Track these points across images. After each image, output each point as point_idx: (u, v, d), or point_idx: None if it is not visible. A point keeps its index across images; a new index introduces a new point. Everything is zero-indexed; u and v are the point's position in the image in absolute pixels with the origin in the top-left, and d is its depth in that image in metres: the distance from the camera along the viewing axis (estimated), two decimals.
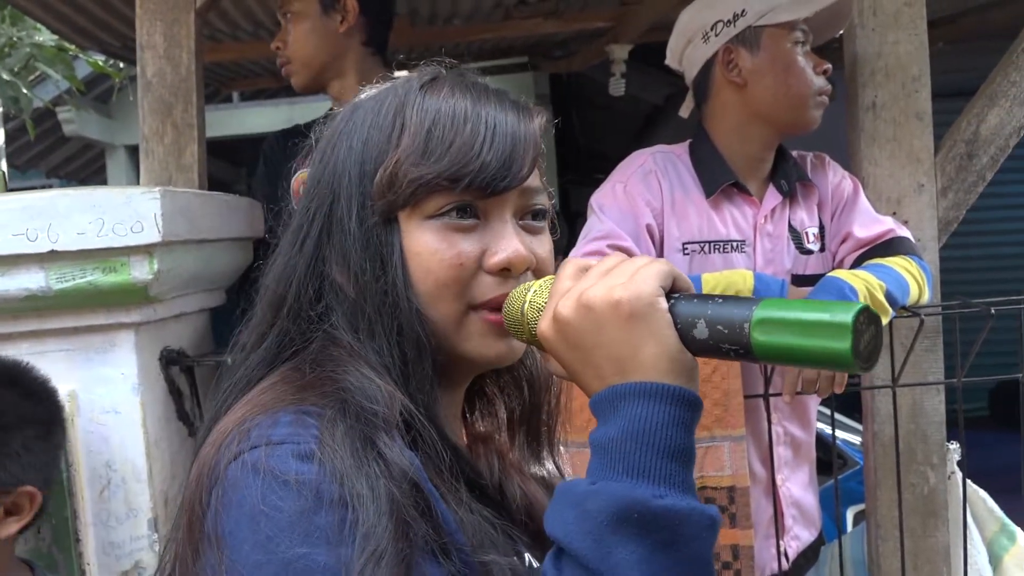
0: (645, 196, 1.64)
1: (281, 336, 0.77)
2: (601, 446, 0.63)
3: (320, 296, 0.76)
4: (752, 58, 1.65)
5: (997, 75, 1.81)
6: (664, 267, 0.66)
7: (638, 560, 0.59)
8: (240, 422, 0.68)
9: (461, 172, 0.72)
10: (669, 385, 0.63)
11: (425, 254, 0.73)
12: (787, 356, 0.61)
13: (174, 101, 1.90)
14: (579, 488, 0.62)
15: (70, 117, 5.65)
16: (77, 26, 2.98)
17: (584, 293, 0.66)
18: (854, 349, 0.58)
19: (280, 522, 0.61)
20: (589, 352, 0.65)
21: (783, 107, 1.64)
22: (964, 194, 1.82)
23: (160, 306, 1.50)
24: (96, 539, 1.45)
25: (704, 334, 0.63)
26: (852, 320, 0.58)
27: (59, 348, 1.45)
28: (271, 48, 2.05)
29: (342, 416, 0.67)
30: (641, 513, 0.59)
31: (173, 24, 1.90)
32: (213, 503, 0.65)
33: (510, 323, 0.74)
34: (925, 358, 1.79)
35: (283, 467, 0.63)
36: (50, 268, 1.39)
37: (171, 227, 1.41)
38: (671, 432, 0.62)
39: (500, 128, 0.74)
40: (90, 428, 1.44)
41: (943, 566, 1.80)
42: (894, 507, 1.74)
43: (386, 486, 0.63)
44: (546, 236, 0.80)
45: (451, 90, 0.76)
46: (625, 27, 3.54)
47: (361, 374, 0.71)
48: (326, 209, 0.77)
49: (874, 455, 1.81)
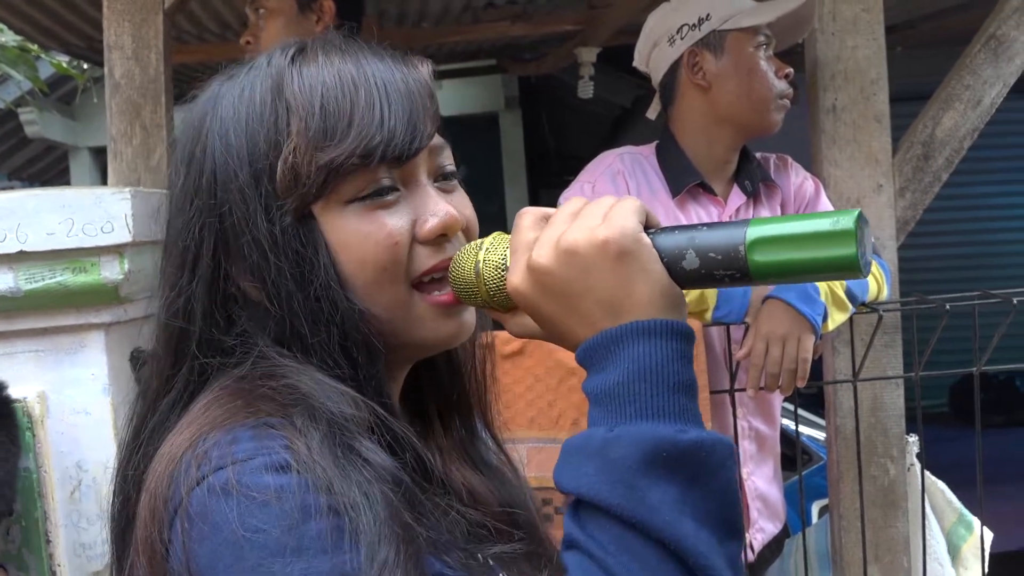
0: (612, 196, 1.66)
1: (194, 374, 0.69)
2: (605, 392, 0.59)
3: (231, 321, 0.69)
4: (716, 62, 1.68)
5: (952, 79, 1.87)
6: (636, 203, 0.63)
7: (673, 499, 0.56)
8: (191, 444, 0.61)
9: (370, 146, 0.65)
10: (667, 320, 0.60)
11: (355, 243, 0.66)
12: (790, 271, 0.60)
13: (143, 102, 1.90)
14: (596, 438, 0.58)
15: (32, 118, 5.56)
16: (41, 26, 2.95)
17: (563, 237, 0.61)
18: (859, 253, 0.57)
19: (267, 544, 0.56)
20: (576, 299, 0.61)
21: (746, 110, 1.68)
22: (921, 194, 1.88)
23: (131, 306, 1.50)
24: (67, 540, 1.44)
25: (695, 264, 0.61)
26: (854, 225, 0.57)
27: (28, 349, 1.44)
28: (241, 43, 2.03)
29: (314, 424, 0.61)
30: (669, 451, 0.56)
31: (141, 25, 1.89)
32: (178, 538, 0.58)
33: (460, 287, 0.69)
34: (885, 353, 1.84)
35: (258, 483, 0.57)
36: (19, 268, 1.38)
37: (142, 227, 1.41)
38: (676, 366, 0.59)
39: (392, 87, 0.67)
40: (60, 429, 1.44)
41: (903, 555, 1.85)
42: (856, 498, 1.79)
43: (380, 490, 0.60)
44: (463, 194, 0.74)
45: (326, 56, 0.68)
46: (593, 30, 3.58)
47: (318, 379, 0.65)
48: (215, 222, 0.68)
49: (836, 448, 1.86)
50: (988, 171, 5.61)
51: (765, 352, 1.49)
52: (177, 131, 0.74)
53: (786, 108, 1.71)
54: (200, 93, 0.73)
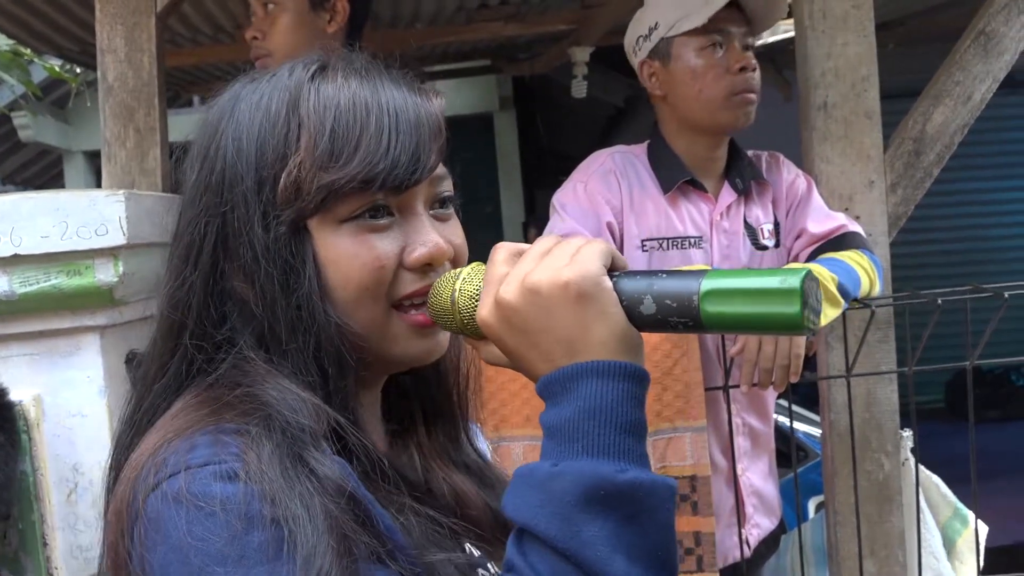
0: (605, 195, 1.68)
1: (185, 363, 0.72)
2: (557, 427, 0.63)
3: (224, 317, 0.72)
4: (665, 70, 1.71)
5: (942, 75, 1.88)
6: (603, 246, 0.66)
7: (607, 535, 0.59)
8: (154, 452, 0.64)
9: (372, 173, 0.68)
10: (620, 362, 0.63)
11: (343, 260, 0.69)
12: (738, 324, 0.63)
13: (136, 105, 1.90)
14: (541, 471, 0.62)
15: (26, 123, 5.56)
16: (34, 30, 2.95)
17: (528, 277, 0.64)
18: (803, 312, 0.60)
19: (211, 550, 0.58)
20: (537, 336, 0.64)
21: (701, 112, 1.69)
22: (912, 190, 1.88)
23: (126, 309, 1.50)
24: (64, 543, 1.44)
25: (652, 309, 0.64)
26: (800, 284, 0.60)
27: (23, 352, 1.44)
28: (247, 38, 2.00)
29: (268, 433, 0.64)
30: (607, 489, 0.59)
31: (134, 28, 1.90)
32: (136, 542, 0.62)
33: (437, 314, 0.72)
34: (878, 349, 1.85)
35: (206, 491, 0.60)
36: (13, 272, 1.38)
37: (136, 230, 1.41)
38: (625, 407, 0.62)
39: (403, 117, 0.70)
40: (56, 432, 1.44)
41: (898, 550, 1.86)
42: (851, 494, 1.80)
43: (321, 503, 0.61)
44: (456, 222, 0.77)
45: (345, 78, 0.71)
46: (586, 30, 3.59)
47: (283, 387, 0.68)
48: (219, 220, 0.71)
49: (831, 444, 1.87)
50: (979, 167, 5.63)
51: (758, 348, 1.50)
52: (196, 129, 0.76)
53: (748, 103, 1.69)
54: (222, 93, 0.76)
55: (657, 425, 1.57)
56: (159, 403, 0.72)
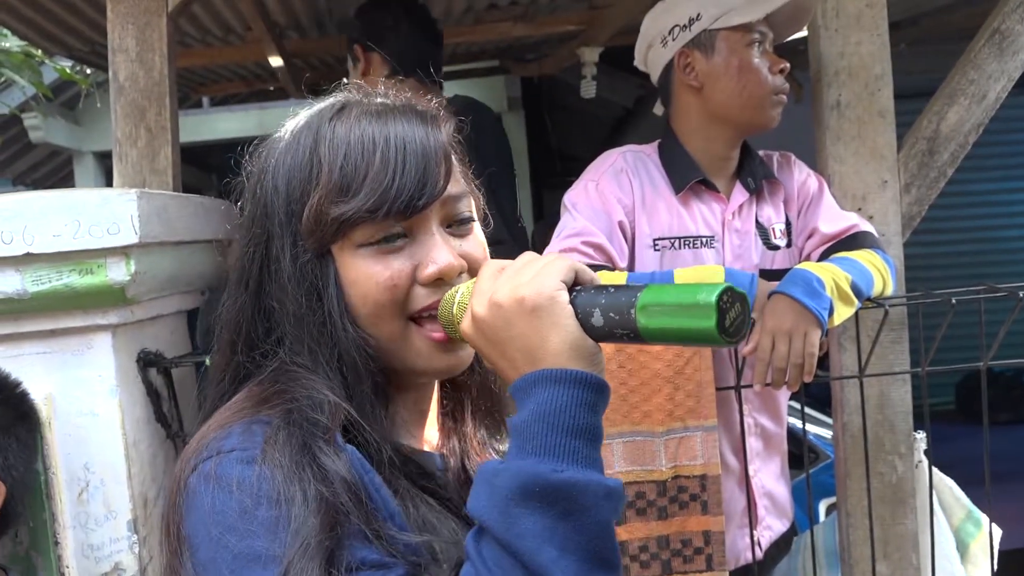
0: (616, 194, 1.67)
1: (237, 370, 0.83)
2: (516, 429, 0.69)
3: (270, 330, 0.82)
4: (707, 61, 1.68)
5: (956, 74, 1.87)
6: (566, 263, 0.72)
7: (541, 529, 0.64)
8: (201, 439, 0.76)
9: (379, 202, 0.76)
10: (571, 370, 0.68)
11: (361, 281, 0.78)
12: (668, 336, 0.68)
13: (147, 104, 1.90)
14: (491, 467, 0.69)
15: (37, 124, 5.57)
16: (44, 31, 2.96)
17: (495, 293, 0.72)
18: (719, 326, 0.65)
19: (226, 522, 0.69)
20: (503, 346, 0.71)
21: (739, 108, 1.68)
22: (926, 190, 1.87)
23: (137, 308, 1.50)
24: (75, 542, 1.44)
25: (600, 322, 0.69)
26: (715, 300, 0.64)
27: (36, 351, 1.45)
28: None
29: (285, 424, 0.74)
30: (542, 486, 0.65)
31: (145, 27, 1.90)
32: (179, 511, 0.74)
33: (445, 324, 0.79)
34: (891, 349, 1.83)
35: (228, 473, 0.71)
36: (26, 270, 1.38)
37: (148, 228, 1.41)
38: (574, 412, 0.67)
39: (410, 147, 0.78)
40: (68, 431, 1.44)
41: (911, 552, 1.84)
42: (863, 495, 1.79)
43: (316, 489, 0.70)
44: (475, 236, 0.84)
45: (358, 117, 0.80)
46: (595, 30, 3.58)
47: (311, 386, 0.77)
48: (263, 248, 0.82)
49: (844, 445, 1.86)
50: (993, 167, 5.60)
51: (771, 347, 1.49)
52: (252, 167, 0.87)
53: (782, 104, 1.70)
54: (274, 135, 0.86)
55: (669, 424, 1.56)
56: (216, 404, 0.83)
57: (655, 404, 1.56)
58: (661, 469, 1.57)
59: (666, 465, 1.57)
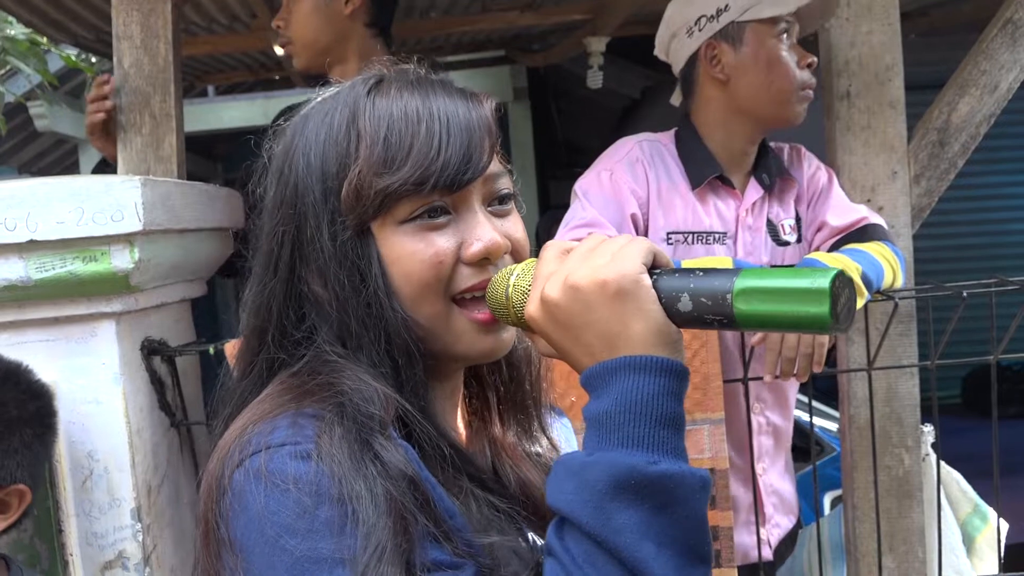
0: (631, 185, 1.64)
1: (270, 361, 0.79)
2: (596, 419, 0.66)
3: (303, 317, 0.78)
4: (735, 54, 1.64)
5: (968, 64, 1.85)
6: (645, 244, 0.69)
7: (637, 523, 0.62)
8: (241, 433, 0.71)
9: (425, 175, 0.73)
10: (657, 357, 0.65)
11: (404, 258, 0.74)
12: (769, 323, 0.64)
13: (152, 92, 1.89)
14: (577, 460, 0.65)
15: (42, 112, 5.56)
16: (50, 18, 2.95)
17: (571, 275, 0.68)
18: (832, 312, 0.61)
19: (284, 522, 0.64)
20: (579, 331, 0.68)
21: (765, 102, 1.65)
22: (936, 181, 1.85)
23: (141, 296, 1.49)
24: (79, 530, 1.44)
25: (688, 307, 0.66)
26: (830, 285, 0.61)
27: (39, 338, 1.44)
28: (272, 26, 2.01)
29: (339, 419, 0.69)
30: (637, 479, 0.62)
31: (150, 14, 1.89)
32: (224, 512, 0.68)
33: (494, 307, 0.75)
34: (900, 342, 1.82)
35: (282, 469, 0.66)
36: (29, 258, 1.38)
37: (152, 216, 1.40)
38: (662, 401, 0.65)
39: (454, 121, 0.75)
40: (71, 418, 1.43)
41: (918, 546, 1.83)
42: (870, 489, 1.77)
43: (383, 486, 0.66)
44: (516, 217, 0.81)
45: (399, 91, 0.77)
46: (602, 20, 3.56)
47: (357, 378, 0.73)
48: (293, 230, 0.77)
49: (850, 438, 1.85)
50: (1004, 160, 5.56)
51: (781, 337, 1.48)
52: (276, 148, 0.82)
53: (809, 99, 1.67)
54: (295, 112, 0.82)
55: None
56: (246, 396, 0.79)
57: None
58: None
59: None
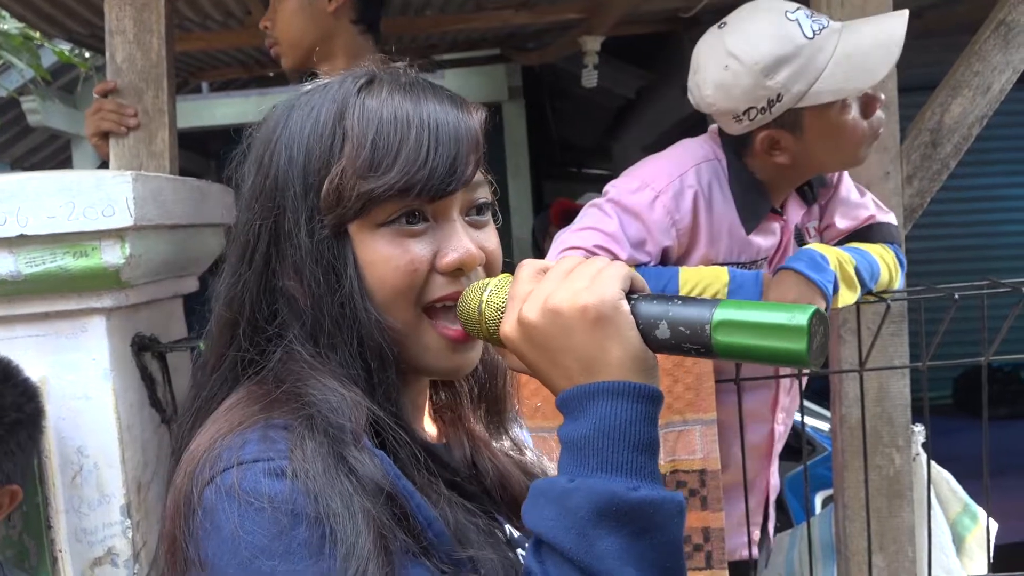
0: (675, 216, 1.54)
1: (239, 355, 0.77)
2: (573, 443, 0.66)
3: (276, 312, 0.76)
4: (796, 140, 1.52)
5: (961, 65, 1.85)
6: (623, 269, 0.69)
7: (619, 549, 0.62)
8: (209, 446, 0.68)
9: (410, 183, 0.71)
10: (635, 383, 0.66)
11: (379, 263, 0.73)
12: (746, 355, 0.65)
13: (144, 87, 1.88)
14: (558, 486, 0.65)
15: (35, 107, 5.54)
16: (43, 13, 2.94)
17: (550, 298, 0.68)
18: (809, 349, 0.63)
19: (259, 543, 0.62)
20: (557, 354, 0.68)
21: (834, 165, 1.59)
22: (928, 182, 1.86)
23: (132, 291, 1.49)
24: (68, 526, 1.43)
25: (666, 334, 0.67)
26: (808, 322, 0.62)
27: (29, 334, 1.43)
28: (260, 26, 2.01)
29: (310, 433, 0.68)
30: (619, 506, 0.63)
31: (143, 9, 1.88)
32: (194, 531, 0.66)
33: (465, 320, 0.75)
34: (891, 342, 1.83)
35: (256, 487, 0.64)
36: (19, 252, 1.37)
37: (143, 211, 1.40)
38: (639, 427, 0.65)
39: (443, 129, 0.74)
40: (61, 414, 1.43)
41: (908, 545, 1.84)
42: (861, 488, 1.78)
43: (360, 502, 0.65)
44: (491, 228, 0.80)
45: (390, 92, 0.75)
46: (597, 19, 3.56)
47: (324, 386, 0.71)
48: (271, 223, 0.75)
49: (841, 438, 1.85)
50: (995, 162, 5.58)
51: None
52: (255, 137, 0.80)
53: (877, 139, 1.57)
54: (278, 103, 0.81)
55: (667, 417, 1.55)
56: (216, 392, 0.77)
57: None
58: (659, 463, 1.55)
59: (664, 459, 1.56)
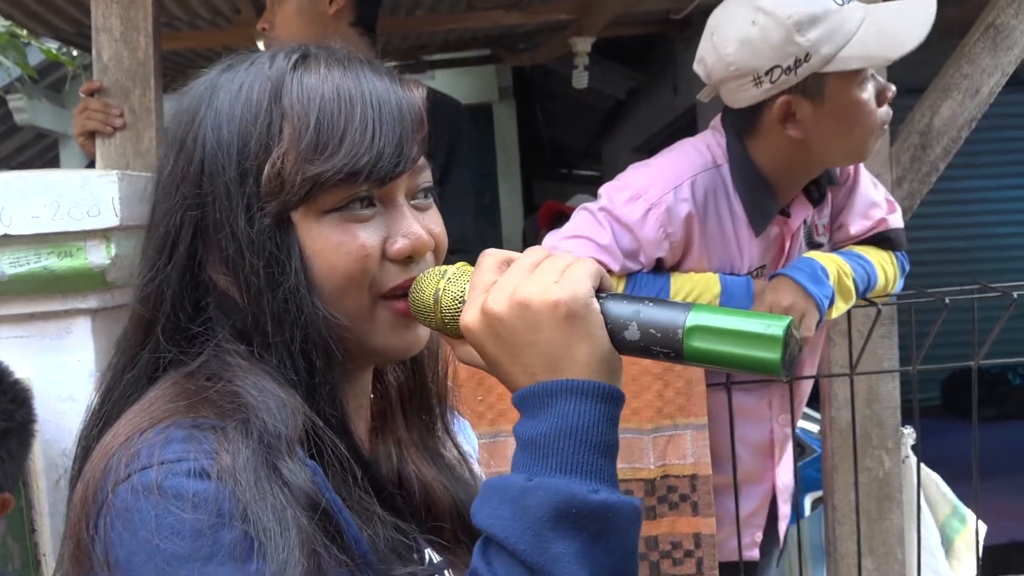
0: (668, 229, 1.49)
1: (156, 355, 0.71)
2: (532, 440, 0.63)
3: (200, 309, 0.71)
4: (813, 108, 1.45)
5: (950, 68, 1.86)
6: (593, 266, 0.66)
7: (575, 553, 0.60)
8: (126, 440, 0.64)
9: (357, 166, 0.67)
10: (601, 383, 0.64)
11: (328, 251, 0.68)
12: (718, 361, 0.64)
13: (131, 85, 1.87)
14: (515, 485, 0.62)
15: (22, 106, 5.51)
16: (29, 10, 2.92)
17: (518, 290, 0.64)
18: (783, 360, 0.62)
19: (180, 546, 0.58)
20: (520, 349, 0.65)
21: (843, 152, 1.51)
22: (918, 184, 1.87)
23: (118, 292, 1.47)
24: (52, 529, 1.42)
25: (635, 336, 0.65)
26: (783, 332, 0.62)
27: (13, 335, 1.42)
28: (258, 28, 2.00)
29: (244, 438, 0.63)
30: (578, 508, 0.60)
31: (130, 7, 1.86)
32: (102, 531, 0.61)
33: (418, 309, 0.71)
34: (881, 345, 1.83)
35: (178, 488, 0.60)
36: (3, 252, 1.36)
37: (129, 211, 1.38)
38: (601, 428, 0.63)
39: (387, 108, 0.69)
40: (46, 416, 1.41)
41: (897, 548, 1.84)
42: (850, 490, 1.78)
43: (293, 516, 0.61)
44: (435, 211, 0.76)
45: (328, 68, 0.70)
46: (588, 20, 3.56)
47: (262, 386, 0.67)
48: (198, 211, 0.69)
49: (831, 440, 1.86)
50: (984, 165, 5.62)
51: None
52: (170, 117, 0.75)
53: (884, 133, 1.53)
54: (197, 81, 0.74)
55: (658, 422, 1.55)
56: (129, 393, 0.72)
57: (644, 401, 1.54)
58: (649, 467, 1.55)
59: (654, 463, 1.55)
